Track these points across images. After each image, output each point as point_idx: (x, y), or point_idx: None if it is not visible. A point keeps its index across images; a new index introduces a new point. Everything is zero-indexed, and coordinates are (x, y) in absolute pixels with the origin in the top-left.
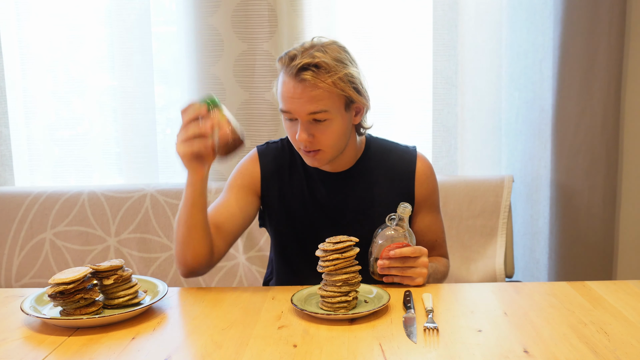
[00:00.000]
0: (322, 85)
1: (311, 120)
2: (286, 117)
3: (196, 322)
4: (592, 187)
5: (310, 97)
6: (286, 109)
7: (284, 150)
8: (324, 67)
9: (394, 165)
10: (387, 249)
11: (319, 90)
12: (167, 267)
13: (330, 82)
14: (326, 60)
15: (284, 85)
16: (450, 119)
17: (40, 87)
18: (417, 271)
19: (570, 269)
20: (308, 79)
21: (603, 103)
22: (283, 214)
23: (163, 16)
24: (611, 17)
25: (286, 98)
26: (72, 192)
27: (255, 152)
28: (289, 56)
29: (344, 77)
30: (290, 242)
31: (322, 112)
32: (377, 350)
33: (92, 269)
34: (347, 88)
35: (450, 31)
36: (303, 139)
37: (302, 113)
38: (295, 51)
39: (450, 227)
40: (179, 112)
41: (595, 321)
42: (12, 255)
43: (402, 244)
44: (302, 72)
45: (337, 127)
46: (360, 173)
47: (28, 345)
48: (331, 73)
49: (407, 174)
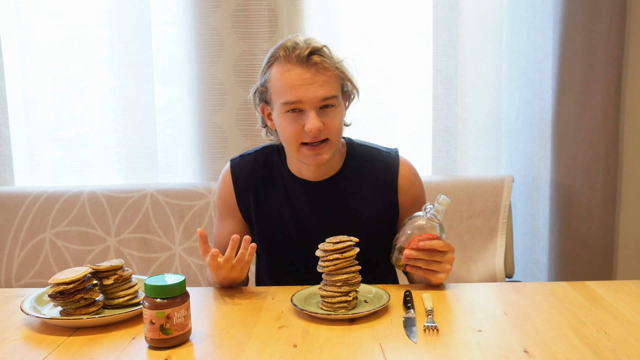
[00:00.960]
0: (330, 68)
1: (319, 109)
2: (291, 109)
3: (196, 322)
4: (592, 187)
5: (322, 81)
6: (295, 98)
7: (258, 163)
8: (327, 52)
9: (377, 173)
10: (417, 238)
11: (329, 73)
12: (167, 267)
13: (335, 65)
14: (325, 49)
15: (290, 73)
16: (450, 119)
17: (40, 87)
18: (442, 266)
19: (570, 269)
20: (318, 62)
21: (603, 103)
22: (261, 228)
23: (163, 16)
24: (611, 17)
25: (295, 86)
26: (72, 192)
27: (227, 168)
28: (287, 46)
29: (342, 64)
30: (272, 254)
31: (332, 98)
32: (377, 350)
33: (92, 269)
34: (347, 72)
35: (450, 31)
36: (317, 126)
37: (315, 99)
38: (291, 41)
39: (450, 227)
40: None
41: (595, 321)
42: (12, 255)
43: (432, 237)
44: (311, 56)
45: (341, 115)
46: (342, 181)
47: (28, 345)
48: (333, 58)
49: (390, 183)
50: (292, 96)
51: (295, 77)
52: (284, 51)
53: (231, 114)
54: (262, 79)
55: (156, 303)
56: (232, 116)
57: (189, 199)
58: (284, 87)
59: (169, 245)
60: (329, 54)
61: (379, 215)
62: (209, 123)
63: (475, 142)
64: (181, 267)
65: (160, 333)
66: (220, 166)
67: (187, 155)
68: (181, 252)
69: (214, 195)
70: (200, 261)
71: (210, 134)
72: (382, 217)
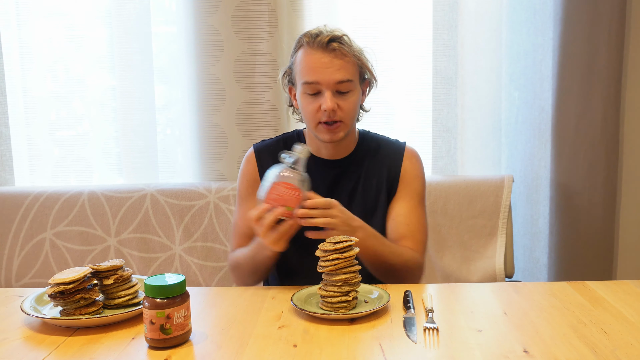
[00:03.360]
0: (348, 55)
1: (335, 91)
2: (309, 91)
3: (196, 322)
4: (592, 187)
5: (339, 65)
6: (314, 79)
7: (279, 145)
8: (347, 41)
9: (385, 155)
10: (276, 185)
11: (346, 59)
12: (167, 267)
13: (353, 53)
14: (348, 36)
15: (311, 57)
16: (450, 119)
17: (40, 87)
18: (332, 221)
19: (570, 269)
20: (337, 48)
21: (603, 103)
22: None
23: (163, 16)
24: (611, 17)
25: (314, 68)
26: (72, 192)
27: (251, 151)
28: (311, 34)
29: (362, 51)
30: None
31: (347, 82)
32: (377, 350)
33: (92, 269)
34: (365, 61)
35: (450, 31)
36: (330, 106)
37: (331, 81)
38: (316, 29)
39: (450, 227)
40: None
41: (595, 321)
42: (12, 255)
43: (292, 186)
44: (331, 42)
45: (356, 99)
46: (353, 162)
47: (28, 345)
48: (352, 47)
49: (396, 161)
50: (310, 77)
51: (315, 60)
52: (308, 38)
53: (231, 114)
54: (290, 62)
55: (156, 303)
56: (232, 116)
57: (189, 199)
58: (304, 68)
59: (169, 245)
60: (348, 42)
61: (380, 192)
62: (209, 123)
63: (475, 142)
64: (181, 267)
65: (160, 333)
66: (220, 166)
67: (187, 155)
68: (181, 252)
69: (214, 195)
70: (200, 261)
71: (210, 134)
72: (382, 195)
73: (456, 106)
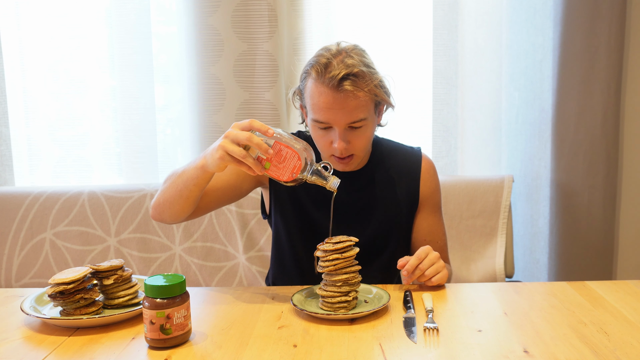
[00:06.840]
0: (362, 95)
1: (348, 128)
2: (320, 126)
3: (196, 322)
4: (592, 187)
5: (351, 107)
6: (324, 119)
7: None
8: (361, 75)
9: (401, 165)
10: (288, 149)
11: (360, 99)
12: (167, 267)
13: (368, 90)
14: (362, 69)
15: (321, 96)
16: (450, 119)
17: (40, 87)
18: (434, 269)
19: (570, 269)
20: (349, 90)
21: (603, 103)
22: (290, 205)
23: (163, 16)
24: (611, 17)
25: (324, 109)
26: (72, 192)
27: None
28: (321, 64)
29: (378, 83)
30: (293, 231)
31: (360, 120)
32: (377, 350)
33: (92, 269)
34: (381, 93)
35: (450, 31)
36: (342, 147)
37: (342, 123)
38: (325, 59)
39: (450, 227)
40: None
41: (595, 321)
42: (12, 255)
43: (297, 165)
44: (343, 81)
45: (370, 131)
46: (368, 173)
47: (28, 345)
48: (367, 81)
49: (413, 173)
50: (321, 117)
51: (324, 101)
52: (317, 70)
53: (231, 114)
54: (300, 84)
55: (156, 303)
56: (232, 116)
57: None
58: (315, 105)
59: (169, 245)
60: (364, 75)
61: (400, 203)
62: (209, 123)
63: (475, 142)
64: (181, 267)
65: (160, 333)
66: None
67: (187, 155)
68: (181, 252)
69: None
70: (200, 261)
71: (210, 134)
72: (402, 206)
73: (456, 106)
